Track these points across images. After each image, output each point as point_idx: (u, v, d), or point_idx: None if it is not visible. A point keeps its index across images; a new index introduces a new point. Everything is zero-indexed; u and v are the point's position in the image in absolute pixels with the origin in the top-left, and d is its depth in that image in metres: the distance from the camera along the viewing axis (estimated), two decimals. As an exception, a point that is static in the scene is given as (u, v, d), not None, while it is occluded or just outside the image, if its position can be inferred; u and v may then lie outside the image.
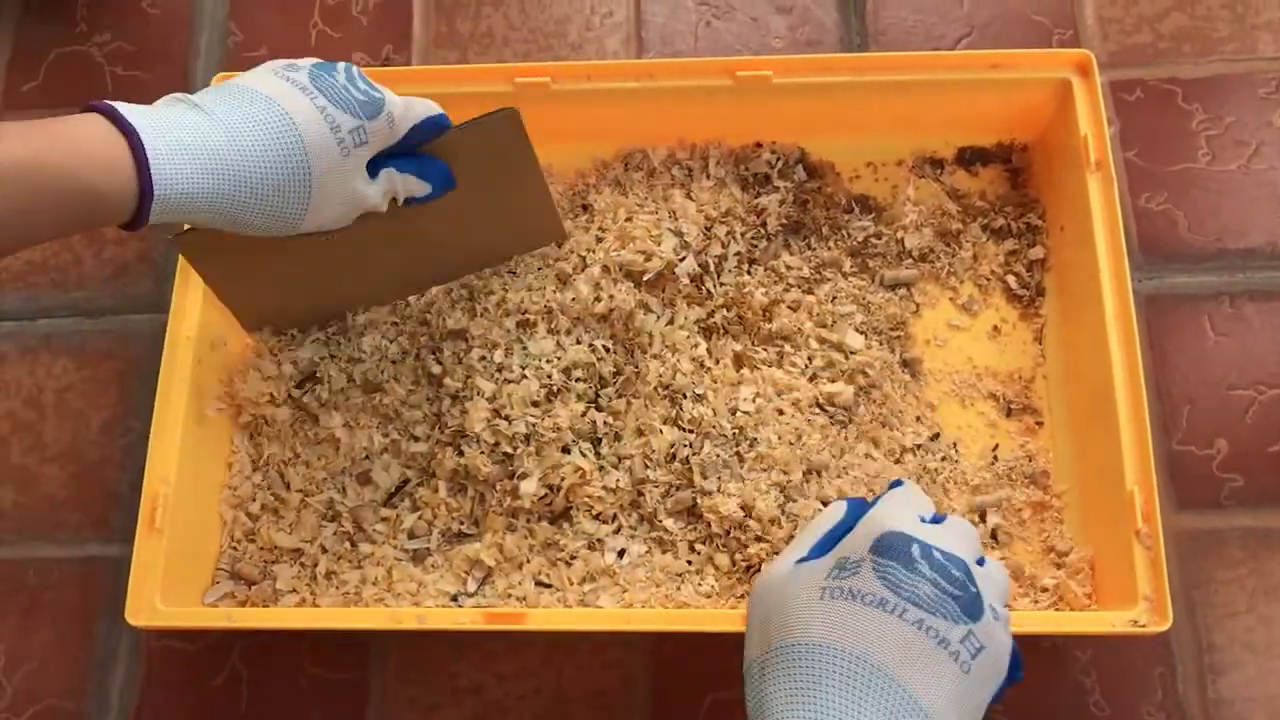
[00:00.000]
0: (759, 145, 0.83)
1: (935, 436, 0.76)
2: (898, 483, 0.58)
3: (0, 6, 0.95)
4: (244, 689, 0.75)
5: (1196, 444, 0.77)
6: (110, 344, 0.84)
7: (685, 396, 0.74)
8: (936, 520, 0.54)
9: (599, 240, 0.80)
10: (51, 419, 0.83)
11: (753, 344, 0.78)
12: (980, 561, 0.53)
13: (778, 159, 0.83)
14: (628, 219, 0.80)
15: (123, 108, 0.58)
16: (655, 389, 0.75)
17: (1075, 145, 0.76)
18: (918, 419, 0.77)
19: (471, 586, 0.71)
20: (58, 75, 0.93)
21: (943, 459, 0.75)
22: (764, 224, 0.81)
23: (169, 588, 0.69)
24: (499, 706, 0.73)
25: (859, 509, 0.55)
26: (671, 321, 0.77)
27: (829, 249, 0.81)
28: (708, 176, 0.82)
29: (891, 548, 0.48)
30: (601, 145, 0.85)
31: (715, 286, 0.79)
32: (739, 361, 0.77)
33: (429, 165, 0.69)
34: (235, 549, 0.75)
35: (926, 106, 0.81)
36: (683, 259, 0.78)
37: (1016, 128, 0.83)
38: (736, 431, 0.73)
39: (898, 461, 0.75)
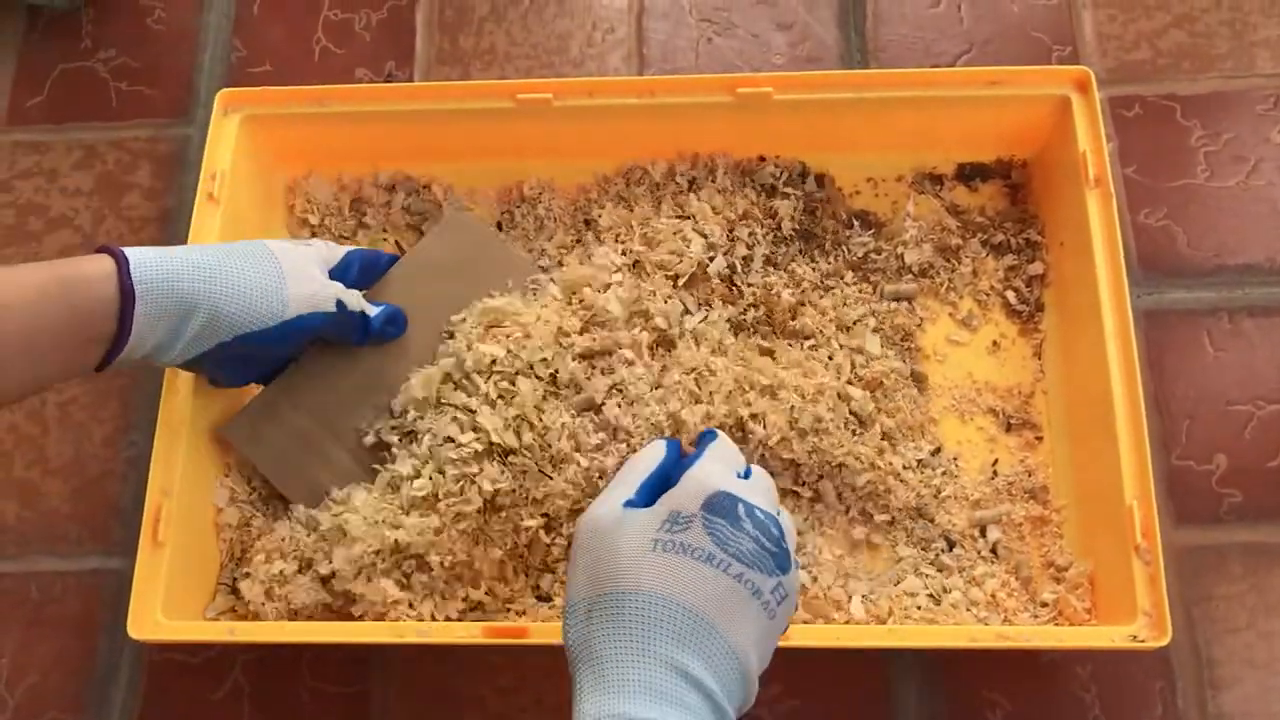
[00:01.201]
0: (763, 159, 0.84)
1: (937, 450, 0.76)
2: (710, 434, 0.60)
3: (5, 22, 0.96)
4: (245, 703, 0.75)
5: (1196, 459, 0.77)
6: (113, 358, 0.85)
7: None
8: (746, 475, 0.57)
9: (620, 243, 0.81)
10: (54, 432, 0.83)
11: (778, 337, 0.79)
12: (778, 513, 0.57)
13: (782, 171, 0.83)
14: (644, 222, 0.81)
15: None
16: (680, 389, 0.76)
17: (1074, 161, 0.76)
18: (922, 433, 0.77)
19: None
20: (63, 91, 0.93)
21: (943, 473, 0.76)
22: (779, 227, 0.81)
23: (171, 601, 0.69)
24: (500, 719, 0.73)
25: (676, 450, 0.60)
26: (705, 319, 0.79)
27: (830, 262, 0.81)
28: (714, 184, 0.83)
29: (720, 506, 0.52)
30: (603, 161, 0.85)
31: (745, 285, 0.80)
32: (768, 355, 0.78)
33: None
34: (237, 562, 0.75)
35: (926, 123, 0.81)
36: (712, 258, 0.79)
37: (1016, 144, 0.83)
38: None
39: (898, 477, 0.75)
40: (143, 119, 0.92)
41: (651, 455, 0.58)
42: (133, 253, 0.62)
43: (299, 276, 0.68)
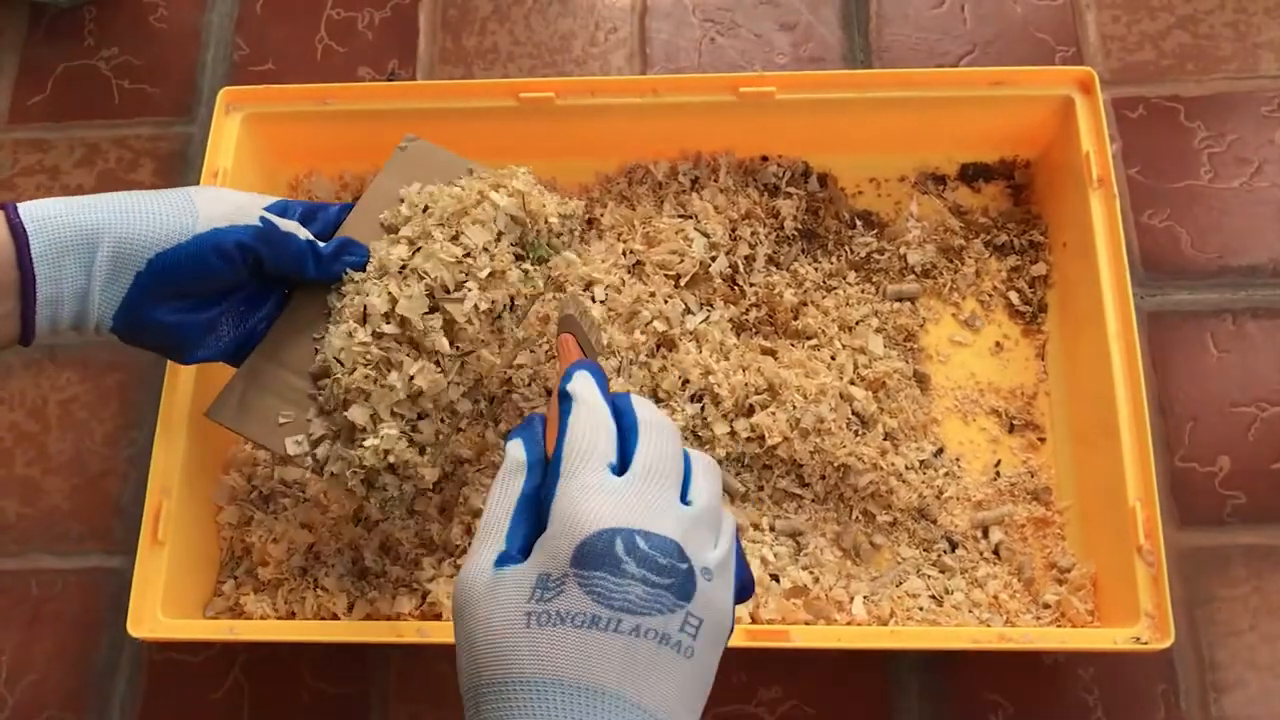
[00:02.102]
0: (765, 159, 0.84)
1: (939, 451, 0.76)
2: (566, 402, 0.49)
3: (8, 19, 0.96)
4: (245, 702, 0.75)
5: (1199, 461, 0.77)
6: (113, 356, 0.85)
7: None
8: (625, 459, 0.47)
9: (622, 241, 0.81)
10: (55, 430, 0.83)
11: (780, 337, 0.79)
12: (687, 476, 0.48)
13: (785, 171, 0.83)
14: (646, 221, 0.81)
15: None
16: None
17: (1078, 162, 0.76)
18: (924, 433, 0.77)
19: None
20: (65, 89, 0.93)
21: (946, 474, 0.75)
22: (781, 226, 0.81)
23: (171, 599, 0.69)
24: (500, 720, 0.73)
25: (536, 461, 0.48)
26: (707, 319, 0.79)
27: (832, 262, 0.81)
28: (717, 183, 0.82)
29: (595, 556, 0.43)
30: (605, 160, 0.85)
31: (747, 285, 0.80)
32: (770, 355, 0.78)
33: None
34: (237, 561, 0.75)
35: (929, 123, 0.81)
36: (714, 258, 0.79)
37: (1019, 144, 0.83)
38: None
39: (900, 478, 0.75)
40: (145, 117, 0.92)
41: (510, 482, 0.47)
42: (25, 204, 0.59)
43: (210, 196, 0.64)
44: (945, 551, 0.73)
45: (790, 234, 0.81)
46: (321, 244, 0.67)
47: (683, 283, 0.79)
